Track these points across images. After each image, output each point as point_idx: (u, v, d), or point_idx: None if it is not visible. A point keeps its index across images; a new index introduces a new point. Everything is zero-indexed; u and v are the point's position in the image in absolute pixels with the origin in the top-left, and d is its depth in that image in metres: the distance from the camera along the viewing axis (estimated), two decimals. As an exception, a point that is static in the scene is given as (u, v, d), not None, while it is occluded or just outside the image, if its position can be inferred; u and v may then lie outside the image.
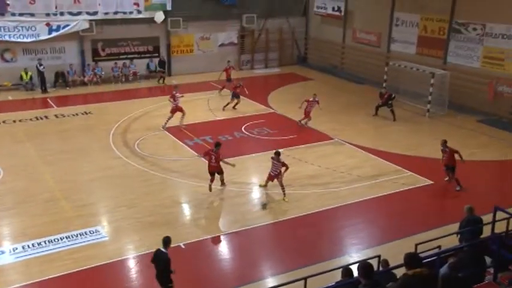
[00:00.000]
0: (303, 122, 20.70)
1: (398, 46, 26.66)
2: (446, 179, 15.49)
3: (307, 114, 20.46)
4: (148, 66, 28.96)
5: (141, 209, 13.75)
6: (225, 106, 22.78)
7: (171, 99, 20.32)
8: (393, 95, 21.72)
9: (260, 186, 15.09)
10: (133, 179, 15.60)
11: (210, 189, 14.53)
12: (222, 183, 14.92)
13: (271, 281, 10.71)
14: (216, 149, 14.59)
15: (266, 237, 12.86)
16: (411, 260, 6.83)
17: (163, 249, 9.42)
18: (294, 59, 33.28)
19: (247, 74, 30.66)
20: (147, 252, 11.64)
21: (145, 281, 10.77)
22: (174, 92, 20.38)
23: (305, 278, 8.55)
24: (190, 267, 11.20)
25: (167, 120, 20.12)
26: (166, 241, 9.43)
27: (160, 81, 28.39)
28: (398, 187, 15.22)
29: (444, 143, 15.27)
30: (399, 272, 7.59)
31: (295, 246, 12.12)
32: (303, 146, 18.56)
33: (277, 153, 14.40)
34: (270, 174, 14.55)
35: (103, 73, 27.52)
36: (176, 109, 20.19)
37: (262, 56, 32.20)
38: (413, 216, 13.62)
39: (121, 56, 28.37)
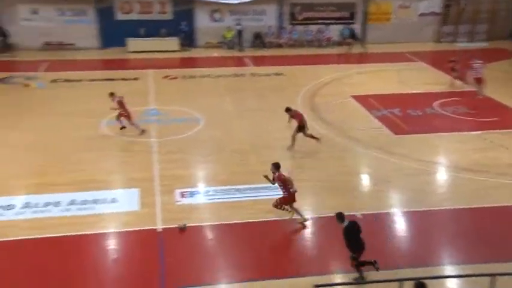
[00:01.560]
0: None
1: None
2: None
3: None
4: (342, 32, 28.76)
5: (322, 172, 13.94)
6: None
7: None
8: None
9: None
10: (317, 143, 15.84)
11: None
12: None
13: (450, 270, 10.01)
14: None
15: (449, 223, 11.92)
16: None
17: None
18: (508, 33, 29.54)
19: (448, 47, 28.37)
20: (322, 216, 11.84)
21: (319, 243, 11.02)
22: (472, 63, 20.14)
23: (493, 275, 7.78)
24: (364, 238, 11.06)
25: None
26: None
27: (351, 49, 28.09)
28: None
29: None
30: None
31: (483, 238, 11.01)
32: (505, 130, 16.60)
33: (275, 166, 11.25)
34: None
35: (298, 37, 28.26)
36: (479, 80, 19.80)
37: (467, 28, 29.33)
38: None
39: (317, 21, 28.68)
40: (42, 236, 10.81)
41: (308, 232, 11.41)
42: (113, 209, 11.95)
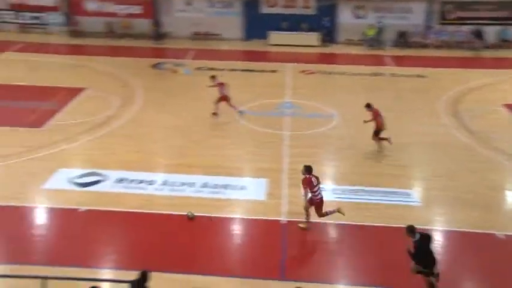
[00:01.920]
0: None
1: None
2: None
3: None
4: (502, 34, 26.28)
5: (459, 183, 12.96)
6: None
7: None
8: None
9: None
10: (456, 151, 14.77)
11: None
12: None
13: None
14: None
15: None
16: None
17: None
18: None
19: None
20: (453, 229, 11.02)
21: (441, 258, 10.30)
22: None
23: None
24: (503, 262, 10.06)
25: None
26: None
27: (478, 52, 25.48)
28: None
29: None
30: None
31: None
32: None
33: (306, 168, 10.57)
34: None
35: (447, 37, 26.49)
36: None
37: None
38: None
39: (470, 21, 26.58)
40: (175, 213, 11.60)
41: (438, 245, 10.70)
42: (241, 195, 12.39)
